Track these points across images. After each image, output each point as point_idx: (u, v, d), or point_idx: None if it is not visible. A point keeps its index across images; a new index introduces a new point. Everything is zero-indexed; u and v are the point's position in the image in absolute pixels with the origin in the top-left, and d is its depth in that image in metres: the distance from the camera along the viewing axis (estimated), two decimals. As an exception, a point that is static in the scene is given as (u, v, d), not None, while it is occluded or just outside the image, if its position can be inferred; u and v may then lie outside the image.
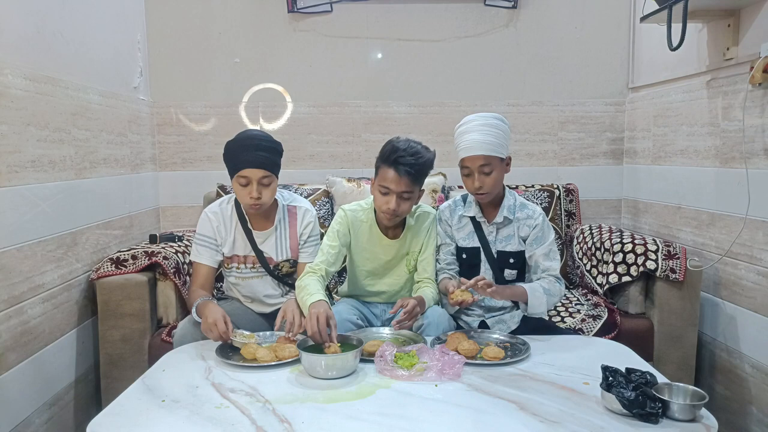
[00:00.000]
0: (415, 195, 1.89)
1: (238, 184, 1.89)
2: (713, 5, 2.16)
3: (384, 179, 1.85)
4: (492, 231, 1.97)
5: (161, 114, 2.97)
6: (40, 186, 1.93)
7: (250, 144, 1.87)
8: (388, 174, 1.83)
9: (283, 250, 2.02)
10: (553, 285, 1.90)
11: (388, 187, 1.84)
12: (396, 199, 1.84)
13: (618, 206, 3.11)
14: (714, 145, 2.32)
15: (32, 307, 1.89)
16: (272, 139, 1.93)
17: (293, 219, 2.04)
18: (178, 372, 1.57)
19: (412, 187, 1.85)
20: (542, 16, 3.00)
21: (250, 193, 1.87)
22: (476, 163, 1.85)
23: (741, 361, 2.19)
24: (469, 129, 1.87)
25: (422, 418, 1.30)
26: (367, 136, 3.03)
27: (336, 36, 2.98)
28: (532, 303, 1.85)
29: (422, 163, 1.85)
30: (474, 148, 1.84)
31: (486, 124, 1.86)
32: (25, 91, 1.86)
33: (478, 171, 1.85)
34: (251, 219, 2.00)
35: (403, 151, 1.82)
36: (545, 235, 1.94)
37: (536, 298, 1.86)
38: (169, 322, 2.24)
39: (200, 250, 1.99)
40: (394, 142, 1.88)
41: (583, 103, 3.05)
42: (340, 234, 1.97)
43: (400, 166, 1.81)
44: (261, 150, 1.87)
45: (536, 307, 1.86)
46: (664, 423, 1.26)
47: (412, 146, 1.85)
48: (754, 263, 2.11)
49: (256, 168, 1.85)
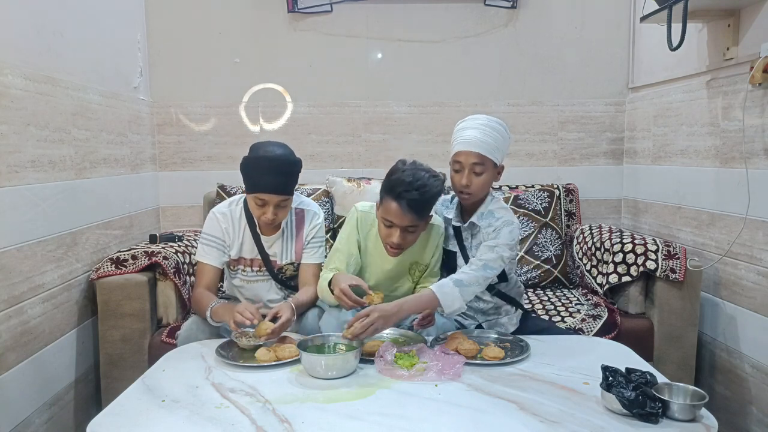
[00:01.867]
0: (421, 226, 1.81)
1: (254, 202, 1.87)
2: (713, 5, 2.16)
3: (387, 212, 1.76)
4: (467, 237, 1.92)
5: (161, 114, 2.97)
6: (40, 186, 1.93)
7: (271, 167, 1.82)
8: (392, 207, 1.73)
9: (288, 253, 2.02)
10: (469, 272, 1.74)
11: (391, 221, 1.76)
12: (400, 233, 1.76)
13: (618, 206, 3.11)
14: (714, 145, 2.32)
15: (32, 307, 1.89)
16: (291, 159, 1.88)
17: (300, 222, 2.03)
18: (178, 372, 1.57)
19: (418, 220, 1.76)
20: (542, 16, 3.00)
21: (265, 213, 1.86)
22: (470, 159, 1.81)
23: (741, 361, 2.19)
24: (469, 126, 1.84)
25: (422, 418, 1.30)
26: (367, 136, 3.03)
27: (336, 36, 2.98)
28: (445, 302, 1.69)
29: (429, 198, 1.75)
30: (471, 144, 1.81)
31: (487, 125, 1.83)
32: (25, 91, 1.86)
33: (470, 169, 1.81)
34: (260, 225, 1.98)
35: (409, 185, 1.71)
36: (498, 234, 1.82)
37: (446, 295, 1.69)
38: (169, 322, 2.24)
39: (207, 250, 1.98)
40: (399, 173, 1.76)
41: (583, 103, 3.05)
42: (351, 239, 1.92)
43: (403, 201, 1.71)
44: (281, 175, 1.84)
45: (451, 305, 1.69)
46: (664, 423, 1.26)
47: (418, 178, 1.73)
48: (754, 263, 2.10)
49: (275, 194, 1.84)
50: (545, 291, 2.63)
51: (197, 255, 2.01)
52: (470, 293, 1.74)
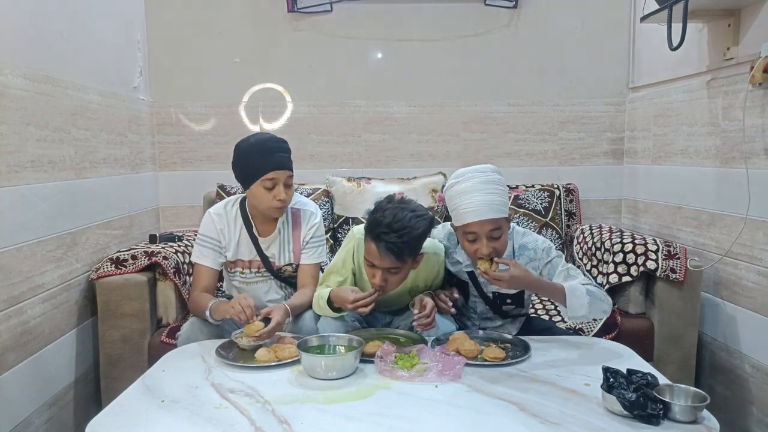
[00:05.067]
0: (406, 267, 1.71)
1: (263, 188, 1.85)
2: (713, 5, 2.16)
3: (368, 252, 1.69)
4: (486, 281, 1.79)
5: (161, 114, 2.97)
6: (40, 186, 1.93)
7: (272, 146, 1.87)
8: (371, 248, 1.66)
9: (286, 254, 2.01)
10: (597, 291, 1.68)
11: (372, 262, 1.69)
12: (382, 274, 1.68)
13: (618, 206, 3.11)
14: (714, 145, 2.31)
15: (32, 307, 1.89)
16: (281, 138, 1.93)
17: (297, 222, 2.02)
18: (178, 372, 1.57)
19: (400, 263, 1.66)
20: (542, 16, 3.00)
21: (276, 195, 1.86)
22: (485, 228, 1.66)
23: (741, 361, 2.19)
24: (469, 189, 1.68)
25: (422, 418, 1.30)
26: (367, 136, 3.03)
27: (336, 36, 2.98)
28: (572, 304, 1.63)
29: (408, 241, 1.63)
30: (482, 212, 1.65)
31: (487, 181, 1.69)
32: (25, 91, 1.86)
33: (488, 237, 1.67)
34: (257, 224, 1.98)
35: (386, 227, 1.61)
36: (554, 265, 1.78)
37: (576, 298, 1.63)
38: (169, 323, 2.24)
39: (203, 251, 1.97)
40: (379, 213, 1.66)
41: (583, 103, 3.05)
42: (346, 264, 1.87)
43: (381, 243, 1.62)
44: (281, 151, 1.89)
45: (577, 310, 1.64)
46: (666, 424, 1.25)
47: (398, 219, 1.62)
48: (755, 263, 2.10)
49: (282, 169, 1.86)
50: (545, 291, 2.63)
51: (193, 256, 2.00)
52: (596, 309, 1.67)
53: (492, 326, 1.94)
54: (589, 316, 1.68)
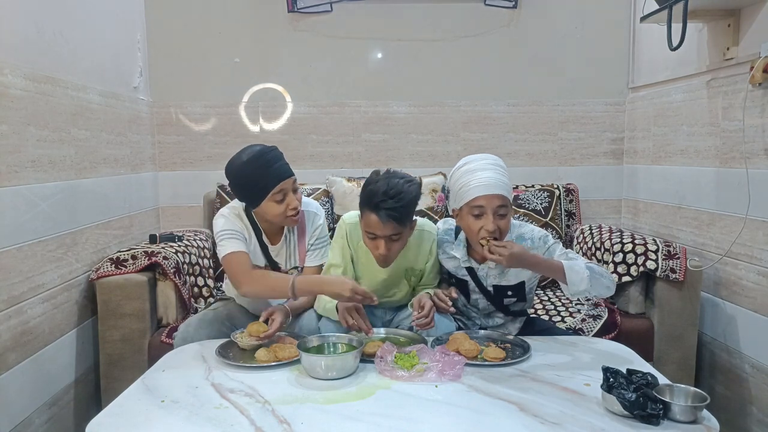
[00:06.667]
0: (405, 233, 1.78)
1: (274, 203, 1.81)
2: (713, 5, 2.16)
3: (368, 224, 1.74)
4: (483, 269, 1.85)
5: (161, 114, 2.97)
6: (40, 186, 1.93)
7: (269, 158, 1.81)
8: (371, 219, 1.72)
9: (292, 259, 1.99)
10: (593, 264, 1.70)
11: (374, 233, 1.75)
12: (385, 243, 1.75)
13: (618, 206, 3.11)
14: (714, 145, 2.31)
15: (32, 307, 1.89)
16: (273, 146, 1.88)
17: (302, 226, 1.99)
18: (178, 372, 1.57)
19: (400, 228, 1.73)
20: (542, 16, 3.00)
21: (289, 205, 1.81)
22: (494, 203, 1.68)
23: (741, 361, 2.19)
24: (479, 167, 1.72)
25: (422, 419, 1.30)
26: (367, 136, 3.03)
27: (336, 36, 2.98)
28: (571, 278, 1.64)
29: (405, 205, 1.71)
30: (493, 186, 1.68)
31: (496, 164, 1.74)
32: (25, 91, 1.86)
33: (494, 213, 1.68)
34: (266, 232, 1.94)
35: (383, 195, 1.68)
36: (552, 251, 1.79)
37: (575, 273, 1.65)
38: (169, 323, 2.24)
39: (233, 242, 1.83)
40: (373, 184, 1.74)
41: (583, 103, 3.05)
42: (344, 251, 1.91)
43: (381, 211, 1.69)
44: (278, 159, 1.83)
45: (578, 285, 1.65)
46: (666, 424, 1.25)
47: (392, 186, 1.70)
48: (754, 263, 2.10)
49: (287, 178, 1.82)
50: (545, 291, 2.63)
51: (225, 249, 1.83)
52: (597, 284, 1.66)
53: (494, 325, 1.94)
54: (591, 290, 1.67)
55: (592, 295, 1.71)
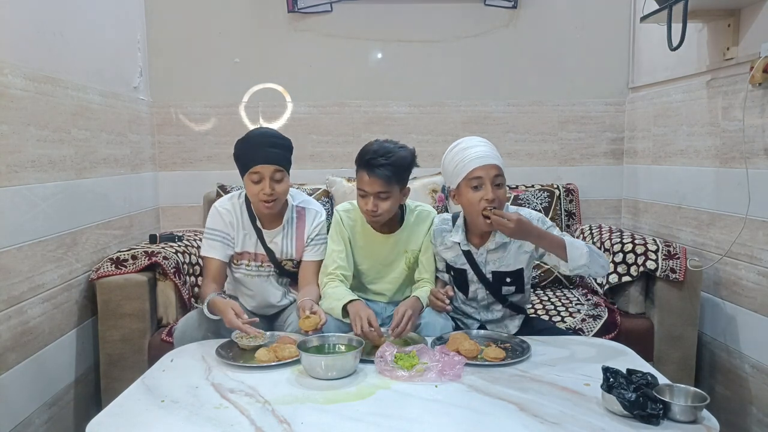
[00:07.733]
0: (394, 194, 1.87)
1: (250, 182, 1.89)
2: (713, 5, 2.16)
3: (360, 182, 1.87)
4: (482, 253, 1.88)
5: (161, 114, 2.97)
6: (40, 186, 1.93)
7: (262, 141, 1.89)
8: (363, 177, 1.85)
9: (288, 248, 2.02)
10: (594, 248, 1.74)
11: (364, 189, 1.86)
12: (373, 200, 1.85)
13: (618, 206, 3.11)
14: (714, 145, 2.31)
15: (32, 307, 1.89)
16: (282, 135, 1.96)
17: (301, 221, 2.04)
18: (178, 372, 1.57)
19: (388, 186, 1.83)
20: (542, 16, 3.00)
21: (263, 189, 1.87)
22: (491, 172, 1.75)
23: (741, 361, 2.19)
24: (471, 144, 1.81)
25: (422, 419, 1.30)
26: (367, 136, 3.02)
27: (336, 36, 2.98)
28: (572, 253, 1.68)
29: (394, 162, 1.83)
30: (488, 157, 1.76)
31: (486, 141, 1.83)
32: (25, 91, 1.86)
33: (492, 182, 1.74)
34: (261, 218, 2.00)
35: (374, 152, 1.83)
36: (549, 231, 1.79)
37: (576, 248, 1.69)
38: (169, 322, 2.24)
39: (212, 244, 1.98)
40: (366, 146, 1.89)
41: (583, 103, 3.05)
42: (342, 235, 1.99)
43: (372, 168, 1.82)
44: (272, 146, 1.89)
45: (577, 259, 1.68)
46: (665, 424, 1.25)
47: (384, 147, 1.86)
48: (754, 263, 2.10)
49: (268, 164, 1.87)
50: (545, 291, 2.63)
51: (202, 250, 2.01)
52: (595, 263, 1.71)
53: (493, 318, 1.94)
54: (590, 267, 1.71)
55: (588, 273, 1.74)
